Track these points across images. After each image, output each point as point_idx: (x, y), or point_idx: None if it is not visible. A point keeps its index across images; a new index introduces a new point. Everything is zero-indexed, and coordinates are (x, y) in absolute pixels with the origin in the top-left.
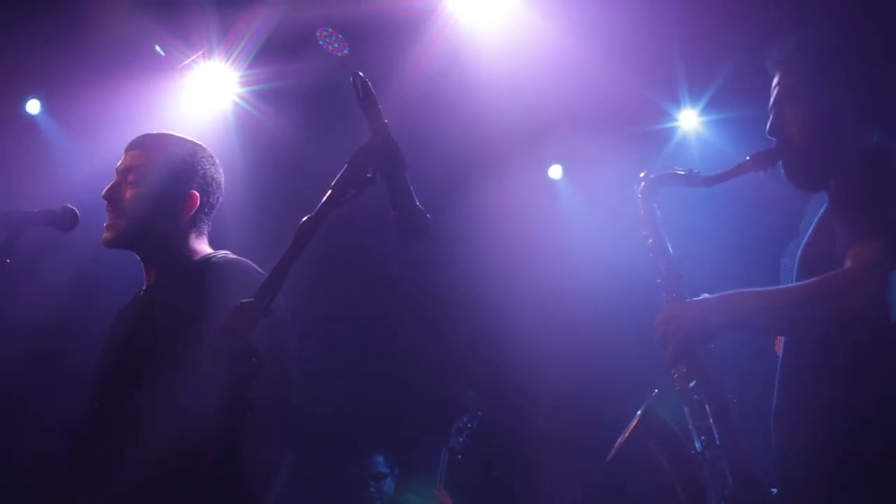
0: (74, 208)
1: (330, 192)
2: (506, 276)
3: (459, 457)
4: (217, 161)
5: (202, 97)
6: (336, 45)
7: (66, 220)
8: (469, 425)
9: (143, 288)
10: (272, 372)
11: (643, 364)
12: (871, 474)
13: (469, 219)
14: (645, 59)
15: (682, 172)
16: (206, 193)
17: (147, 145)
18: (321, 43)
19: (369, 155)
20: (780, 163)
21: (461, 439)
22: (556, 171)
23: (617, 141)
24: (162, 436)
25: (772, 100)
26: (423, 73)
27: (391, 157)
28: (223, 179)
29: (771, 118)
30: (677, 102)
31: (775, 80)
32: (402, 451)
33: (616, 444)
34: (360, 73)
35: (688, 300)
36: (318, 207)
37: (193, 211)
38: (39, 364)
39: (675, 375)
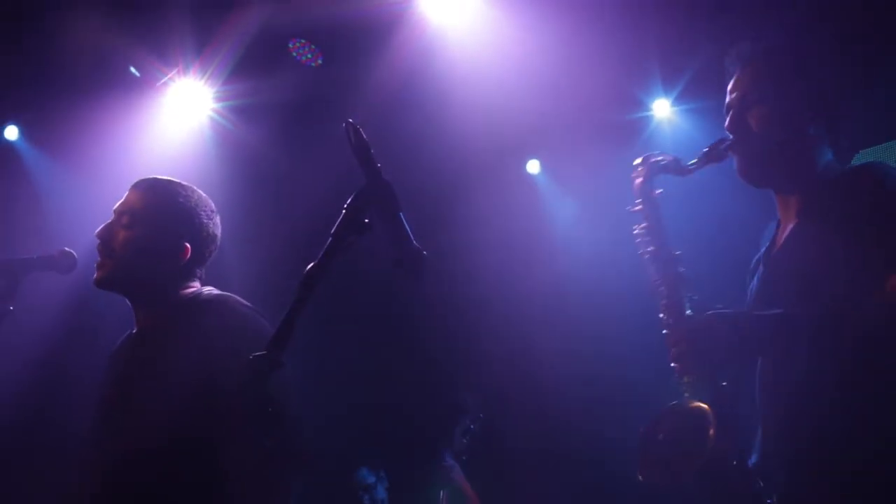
0: (73, 252)
1: (329, 240)
2: (495, 276)
3: (463, 458)
4: (217, 217)
5: (179, 114)
6: (310, 56)
7: (66, 264)
8: (471, 427)
9: (134, 330)
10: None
11: (637, 358)
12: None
13: (449, 220)
14: (617, 50)
15: (665, 160)
16: (198, 247)
17: (148, 189)
18: (294, 55)
19: (365, 200)
20: (734, 157)
21: (464, 441)
22: (533, 166)
23: (592, 132)
24: (167, 477)
25: (733, 96)
26: (395, 75)
27: (387, 201)
28: (220, 233)
29: (732, 114)
30: (650, 92)
31: (736, 76)
32: (401, 456)
33: None
34: (352, 121)
35: (693, 317)
36: (319, 258)
37: (185, 262)
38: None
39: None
